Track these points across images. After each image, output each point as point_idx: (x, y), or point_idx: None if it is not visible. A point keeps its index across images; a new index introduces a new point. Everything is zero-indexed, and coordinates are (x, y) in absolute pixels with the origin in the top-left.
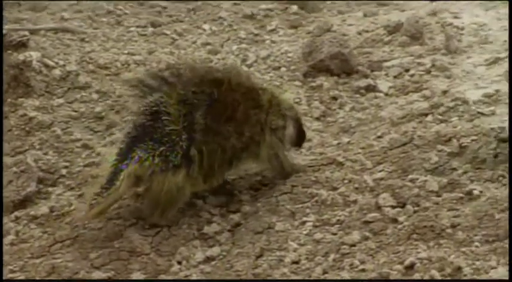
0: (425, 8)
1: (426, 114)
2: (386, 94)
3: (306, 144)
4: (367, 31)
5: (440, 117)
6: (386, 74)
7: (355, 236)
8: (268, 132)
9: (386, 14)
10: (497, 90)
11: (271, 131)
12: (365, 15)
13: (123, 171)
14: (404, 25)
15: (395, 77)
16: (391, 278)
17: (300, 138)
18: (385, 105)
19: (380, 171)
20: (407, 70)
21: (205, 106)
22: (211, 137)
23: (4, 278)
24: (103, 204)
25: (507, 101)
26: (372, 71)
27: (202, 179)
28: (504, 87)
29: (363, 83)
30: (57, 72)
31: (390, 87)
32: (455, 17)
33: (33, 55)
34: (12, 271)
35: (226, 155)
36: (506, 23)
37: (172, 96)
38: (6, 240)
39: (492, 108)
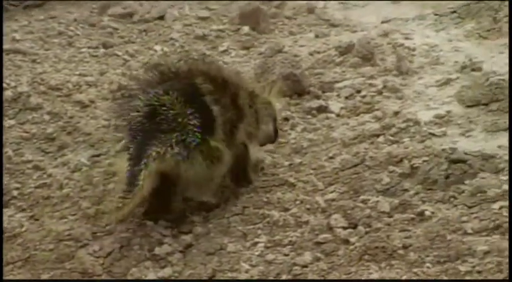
0: (377, 29)
1: (378, 135)
2: (337, 115)
3: None
4: (318, 52)
5: (391, 138)
6: (338, 95)
7: (307, 257)
8: (246, 122)
9: (337, 35)
10: (448, 111)
11: (249, 122)
12: (316, 36)
13: (142, 171)
14: (356, 46)
15: (346, 98)
16: None
17: (274, 136)
18: (336, 126)
19: (332, 192)
20: (358, 91)
21: (197, 82)
22: (215, 97)
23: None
24: (131, 204)
25: (458, 121)
26: (324, 92)
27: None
28: (455, 108)
29: (314, 103)
30: (8, 93)
31: (342, 108)
32: (407, 38)
33: None
34: None
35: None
36: (457, 44)
37: (157, 91)
38: None
39: (443, 129)
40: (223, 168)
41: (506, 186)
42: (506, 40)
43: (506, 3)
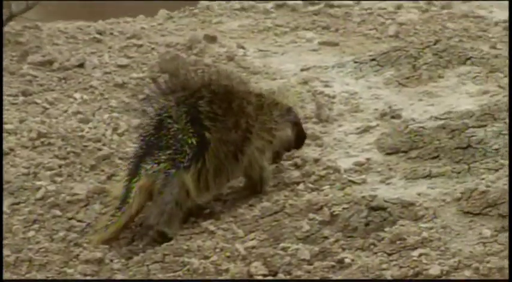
0: (296, 77)
1: (298, 183)
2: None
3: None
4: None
5: (311, 185)
6: None
7: None
8: (255, 136)
9: (257, 82)
10: (368, 159)
11: (259, 136)
12: None
13: (134, 188)
14: (276, 94)
15: None
16: None
17: (299, 141)
18: None
19: (252, 239)
20: None
21: (205, 100)
22: (217, 124)
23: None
24: (117, 223)
25: (378, 169)
26: None
27: (212, 176)
28: (375, 156)
29: None
30: None
31: None
32: (326, 86)
33: None
34: None
35: (232, 147)
36: (376, 91)
37: (169, 99)
38: None
39: (363, 176)
40: (192, 203)
41: (425, 234)
42: (425, 87)
43: (426, 50)
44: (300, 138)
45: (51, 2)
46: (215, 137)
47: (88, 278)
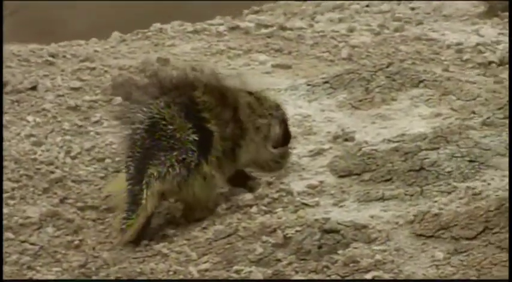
0: None
1: (251, 206)
2: None
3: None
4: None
5: (264, 208)
6: None
7: None
8: (252, 133)
9: None
10: (321, 181)
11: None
12: None
13: (144, 191)
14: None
15: None
16: None
17: (285, 138)
18: None
19: (205, 262)
20: None
21: (198, 95)
22: (217, 117)
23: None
24: (136, 224)
25: (331, 191)
26: None
27: (216, 172)
28: (328, 178)
29: None
30: None
31: None
32: None
33: None
34: None
35: (231, 141)
36: (329, 114)
37: (157, 103)
38: None
39: (316, 199)
40: (214, 192)
41: (379, 256)
42: (378, 110)
43: (379, 73)
44: (286, 136)
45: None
46: (213, 130)
47: None
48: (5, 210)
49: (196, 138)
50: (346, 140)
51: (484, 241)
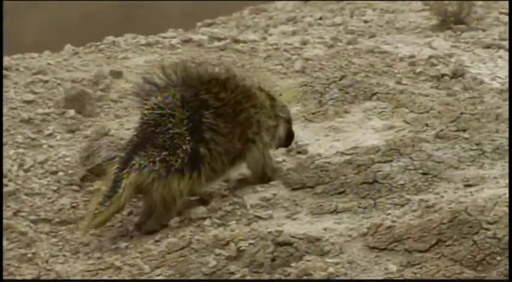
0: None
1: (204, 218)
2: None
3: (83, 249)
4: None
5: (218, 221)
6: None
7: None
8: (264, 132)
9: None
10: (274, 194)
11: (266, 131)
12: None
13: (123, 180)
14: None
15: None
16: None
17: (288, 139)
18: None
19: (158, 275)
20: None
21: (211, 106)
22: (218, 137)
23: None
24: (105, 213)
25: (284, 204)
26: None
27: (205, 179)
28: (281, 191)
29: None
30: None
31: None
32: None
33: None
34: None
35: (230, 156)
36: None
37: (176, 96)
38: None
39: (269, 212)
40: (183, 203)
41: (332, 269)
42: (331, 123)
43: (332, 86)
44: (289, 137)
45: None
46: (213, 150)
47: None
48: None
49: (189, 150)
50: (299, 152)
51: (437, 253)
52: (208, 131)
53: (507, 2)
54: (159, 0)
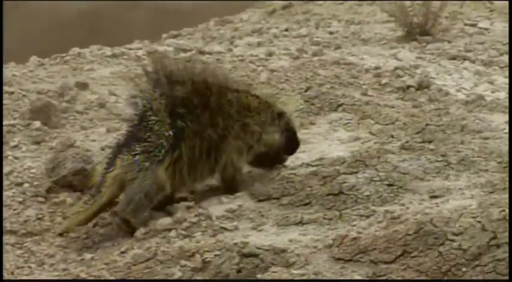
0: None
1: (169, 230)
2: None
3: (49, 261)
4: (110, 147)
5: (183, 232)
6: None
7: None
8: (245, 135)
9: None
10: (240, 206)
11: (239, 136)
12: (108, 131)
13: (107, 177)
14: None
15: None
16: None
17: (290, 147)
18: None
19: None
20: None
21: (186, 93)
22: (195, 119)
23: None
24: (88, 211)
25: (250, 215)
26: None
27: (187, 171)
28: (247, 203)
29: None
30: None
31: None
32: None
33: None
34: None
35: (205, 144)
36: None
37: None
38: None
39: (235, 223)
40: (162, 195)
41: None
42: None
43: (297, 97)
44: (291, 145)
45: None
46: (191, 130)
47: None
48: None
49: (172, 134)
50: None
51: (402, 265)
52: (184, 111)
53: (472, 12)
54: (125, 12)
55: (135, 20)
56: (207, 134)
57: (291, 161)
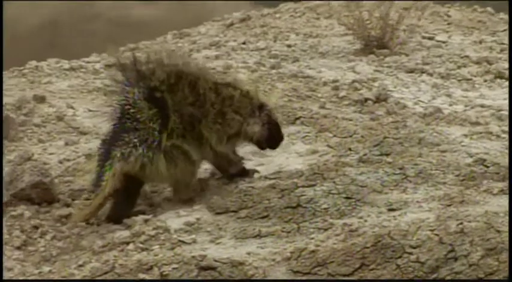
0: None
1: (127, 243)
2: (87, 223)
3: (7, 274)
4: (68, 160)
5: (141, 245)
6: None
7: None
8: (212, 121)
9: (87, 142)
10: (198, 219)
11: (217, 121)
12: (66, 144)
13: (106, 172)
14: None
15: None
16: None
17: (270, 141)
18: (86, 233)
19: None
20: None
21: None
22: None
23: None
24: (91, 206)
25: (208, 228)
26: (73, 199)
27: (189, 136)
28: (205, 216)
29: (64, 211)
30: None
31: None
32: None
33: None
34: None
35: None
36: None
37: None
38: None
39: (193, 236)
40: (192, 167)
41: None
42: (255, 147)
43: None
44: (271, 139)
45: None
46: (171, 108)
47: None
48: None
49: (158, 117)
50: (223, 176)
51: (360, 277)
52: (165, 93)
53: (429, 25)
54: (82, 25)
55: (93, 33)
56: (187, 111)
57: None
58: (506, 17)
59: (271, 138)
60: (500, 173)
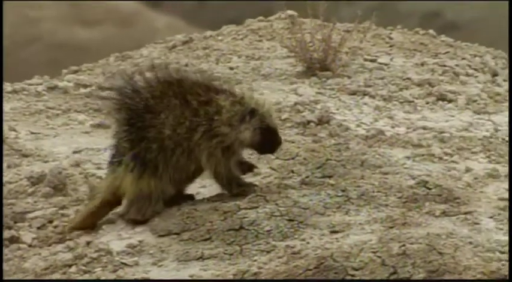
0: (69, 159)
1: (70, 265)
2: (30, 245)
3: None
4: (10, 182)
5: (84, 268)
6: (30, 225)
7: None
8: (201, 137)
9: (29, 165)
10: (140, 241)
11: (206, 137)
12: (8, 167)
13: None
14: (48, 176)
15: (38, 228)
16: None
17: (268, 146)
18: (28, 256)
19: None
20: (51, 221)
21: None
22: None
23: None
24: (80, 214)
25: (150, 251)
26: (16, 222)
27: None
28: (148, 238)
29: (6, 234)
30: None
31: (34, 239)
32: (99, 168)
33: None
34: None
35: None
36: None
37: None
38: None
39: (136, 258)
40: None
41: None
42: None
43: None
44: (265, 143)
45: None
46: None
47: None
48: None
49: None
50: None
51: None
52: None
53: (372, 48)
54: (24, 47)
55: (35, 56)
56: (174, 136)
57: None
58: (447, 39)
59: (266, 143)
60: (443, 195)
